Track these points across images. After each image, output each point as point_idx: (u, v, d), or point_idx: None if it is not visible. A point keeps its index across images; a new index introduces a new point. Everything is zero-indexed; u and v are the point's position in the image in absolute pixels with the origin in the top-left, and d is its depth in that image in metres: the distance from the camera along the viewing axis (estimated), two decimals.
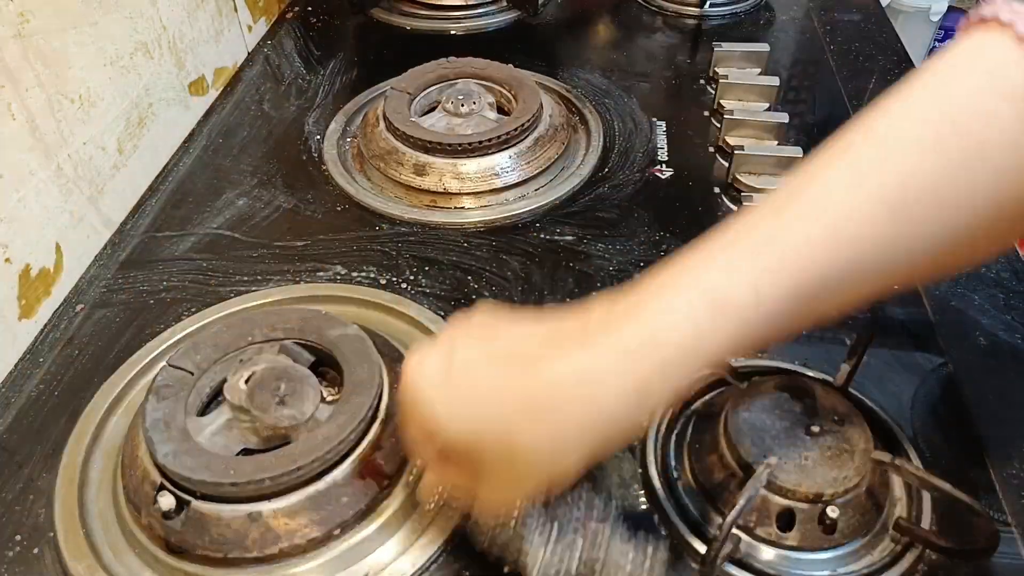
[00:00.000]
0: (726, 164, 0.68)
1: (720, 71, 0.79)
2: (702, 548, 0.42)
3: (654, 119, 0.76)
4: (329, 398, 0.47)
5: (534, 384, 0.33)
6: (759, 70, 0.80)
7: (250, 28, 0.88)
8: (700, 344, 0.32)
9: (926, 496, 0.44)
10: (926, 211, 0.31)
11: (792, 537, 0.41)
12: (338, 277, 0.59)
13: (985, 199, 0.32)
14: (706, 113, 0.78)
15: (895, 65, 0.86)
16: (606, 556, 0.38)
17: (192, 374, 0.45)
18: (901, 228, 0.32)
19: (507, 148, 0.67)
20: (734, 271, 0.32)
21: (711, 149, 0.73)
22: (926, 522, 0.43)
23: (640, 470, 0.46)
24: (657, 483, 0.45)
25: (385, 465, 0.43)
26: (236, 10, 0.85)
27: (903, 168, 0.31)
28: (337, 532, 0.41)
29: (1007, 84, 0.30)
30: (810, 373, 0.50)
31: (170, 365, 0.45)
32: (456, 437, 0.34)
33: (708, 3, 0.94)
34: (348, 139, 0.75)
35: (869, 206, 0.31)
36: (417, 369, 0.36)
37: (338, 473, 0.42)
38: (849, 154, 0.32)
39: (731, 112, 0.71)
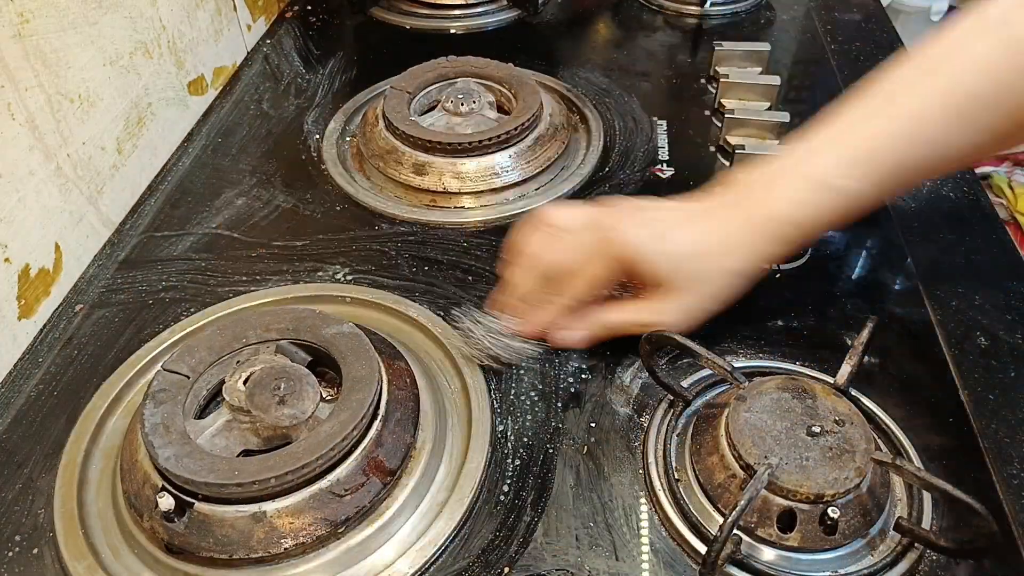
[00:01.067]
0: (727, 163, 0.68)
1: (721, 70, 0.79)
2: (702, 548, 0.42)
3: (655, 118, 0.76)
4: (328, 397, 0.47)
5: (710, 232, 0.48)
6: (760, 69, 0.80)
7: (249, 27, 0.88)
8: (804, 216, 0.47)
9: (926, 496, 0.44)
10: (979, 117, 0.44)
11: (793, 538, 0.41)
12: (337, 277, 0.59)
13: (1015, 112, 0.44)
14: (707, 112, 0.78)
15: None
16: None
17: (188, 377, 0.45)
18: (965, 127, 0.45)
19: (507, 147, 0.66)
20: (833, 163, 0.46)
21: (712, 148, 0.73)
22: (926, 522, 0.43)
23: (641, 470, 0.46)
24: (658, 483, 0.45)
25: (387, 462, 0.43)
26: (235, 9, 0.85)
27: (967, 81, 0.44)
28: (341, 530, 0.41)
29: None
30: (810, 373, 0.50)
31: (165, 369, 0.45)
32: (667, 262, 0.47)
33: (709, 2, 0.94)
34: (347, 138, 0.75)
35: (941, 113, 0.44)
36: (608, 215, 0.49)
37: (342, 470, 0.42)
38: (923, 66, 0.46)
39: (732, 111, 0.71)
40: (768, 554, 0.41)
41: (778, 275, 0.59)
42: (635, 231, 0.47)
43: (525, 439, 0.48)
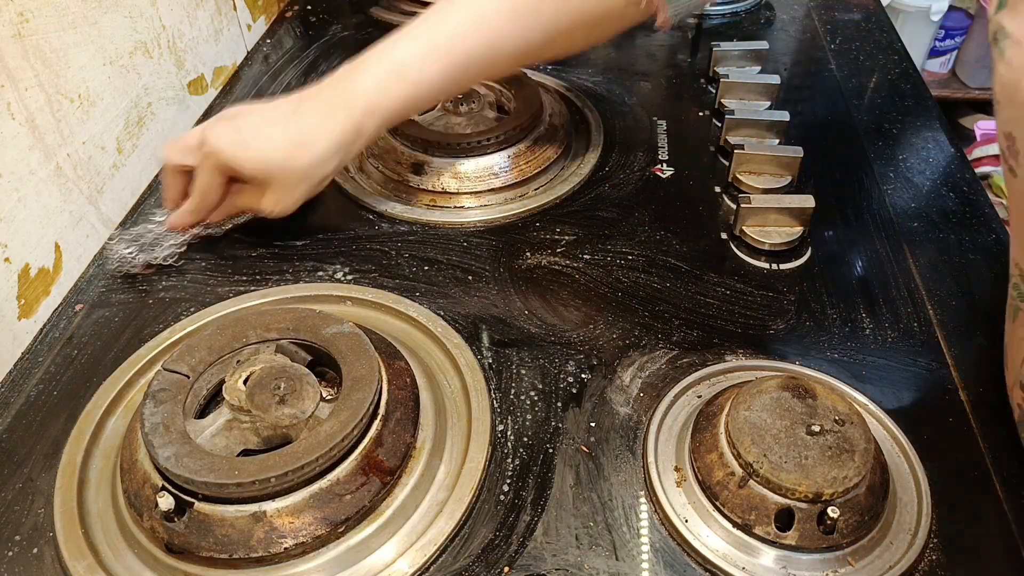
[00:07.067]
0: (727, 163, 0.68)
1: (720, 70, 0.79)
2: (701, 547, 0.42)
3: (654, 118, 0.76)
4: (328, 397, 0.47)
5: (292, 129, 0.54)
6: (759, 69, 0.80)
7: (249, 27, 0.88)
8: (382, 101, 0.54)
9: (926, 496, 0.44)
10: (527, 19, 0.55)
11: (791, 536, 0.41)
12: (337, 277, 0.59)
13: (554, 20, 0.56)
14: (707, 112, 0.78)
15: (895, 64, 0.86)
16: None
17: (188, 377, 0.45)
18: (517, 26, 0.55)
19: (507, 147, 0.67)
20: (409, 52, 0.54)
21: (712, 148, 0.73)
22: (926, 522, 0.43)
23: (641, 470, 0.46)
24: (658, 483, 0.45)
25: (387, 461, 0.43)
26: (235, 9, 0.85)
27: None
28: (341, 530, 0.41)
29: None
30: (810, 373, 0.50)
31: (165, 369, 0.45)
32: (251, 165, 0.54)
33: (708, 2, 0.94)
34: None
35: (496, 11, 0.55)
36: (210, 126, 0.55)
37: (341, 470, 0.42)
38: None
39: (732, 111, 0.71)
40: (766, 553, 0.41)
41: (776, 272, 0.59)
42: (223, 140, 0.54)
43: (525, 439, 0.48)
